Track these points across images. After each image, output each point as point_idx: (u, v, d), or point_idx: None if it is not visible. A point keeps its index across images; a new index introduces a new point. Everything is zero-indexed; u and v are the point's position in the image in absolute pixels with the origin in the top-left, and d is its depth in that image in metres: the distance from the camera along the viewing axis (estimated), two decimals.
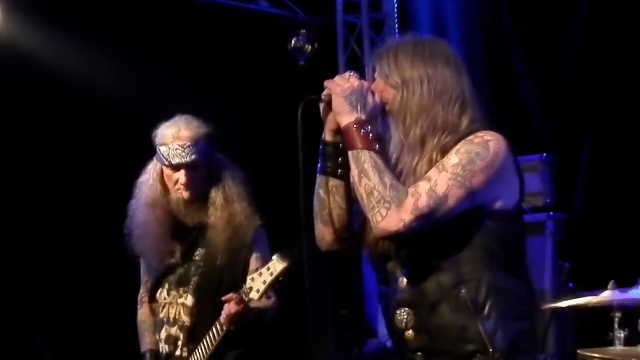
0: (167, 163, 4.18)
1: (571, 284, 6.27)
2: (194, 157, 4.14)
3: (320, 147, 3.04)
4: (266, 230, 4.31)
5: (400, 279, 2.94)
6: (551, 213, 6.70)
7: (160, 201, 4.25)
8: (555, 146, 6.98)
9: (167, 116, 4.35)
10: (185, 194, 4.20)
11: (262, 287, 3.76)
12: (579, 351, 4.65)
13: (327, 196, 3.02)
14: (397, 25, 8.25)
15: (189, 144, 4.14)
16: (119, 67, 7.00)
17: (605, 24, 6.86)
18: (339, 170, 2.99)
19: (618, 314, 4.83)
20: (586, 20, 7.00)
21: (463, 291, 2.85)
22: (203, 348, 4.15)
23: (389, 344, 7.07)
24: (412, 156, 2.89)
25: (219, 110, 7.16)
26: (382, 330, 7.07)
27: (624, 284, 4.86)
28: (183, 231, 4.29)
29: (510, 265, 2.92)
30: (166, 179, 4.25)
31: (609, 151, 6.74)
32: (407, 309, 2.92)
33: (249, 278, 3.79)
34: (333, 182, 3.01)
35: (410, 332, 2.92)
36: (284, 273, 3.72)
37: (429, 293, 2.88)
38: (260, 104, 7.68)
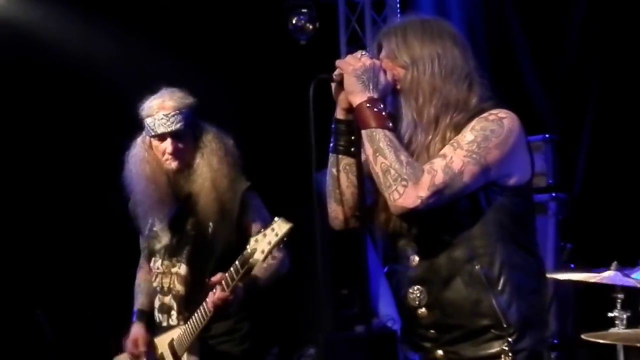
0: (152, 133, 4.26)
1: (572, 265, 6.25)
2: (178, 125, 4.21)
3: (332, 126, 3.04)
4: (254, 192, 4.35)
5: (412, 256, 2.97)
6: (553, 193, 6.69)
7: (157, 170, 4.31)
8: (558, 127, 6.96)
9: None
10: (173, 164, 4.27)
11: (267, 248, 3.75)
12: (582, 336, 4.64)
13: (339, 174, 3.03)
14: (398, 5, 8.21)
15: (173, 112, 4.21)
16: (119, 45, 6.99)
17: (607, 4, 6.83)
18: (352, 148, 2.99)
19: (620, 295, 4.83)
20: (588, 0, 6.97)
21: (477, 266, 2.87)
22: (191, 326, 4.19)
23: (390, 323, 7.08)
24: (425, 134, 2.91)
25: (219, 89, 7.15)
26: (383, 309, 7.06)
27: (626, 265, 4.85)
28: (172, 200, 4.37)
29: (521, 240, 2.94)
30: (155, 151, 4.32)
31: (611, 131, 6.73)
32: (419, 286, 2.94)
33: (252, 239, 3.80)
34: (346, 160, 3.02)
35: (422, 309, 2.94)
36: (288, 233, 3.74)
37: (442, 268, 2.90)
38: (261, 83, 7.65)
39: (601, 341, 4.55)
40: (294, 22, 7.76)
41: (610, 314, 4.84)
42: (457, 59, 2.94)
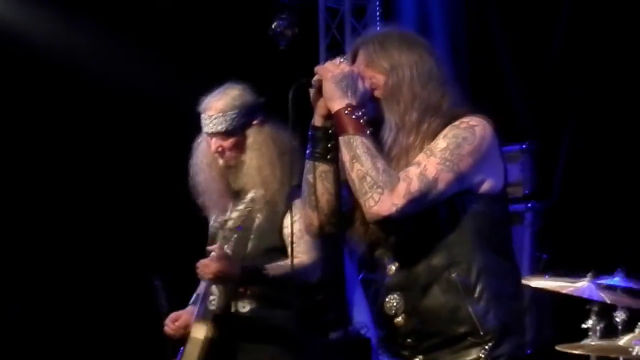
0: (202, 131, 4.46)
1: (547, 275, 6.25)
2: (220, 127, 4.36)
3: (310, 132, 3.04)
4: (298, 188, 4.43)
5: (389, 265, 2.97)
6: (530, 203, 6.70)
7: (214, 161, 4.47)
8: (536, 136, 6.97)
9: (146, 92, 4.47)
10: (220, 161, 4.44)
11: (235, 215, 4.05)
12: (557, 347, 4.65)
13: (315, 181, 3.03)
14: (378, 13, 8.22)
15: (216, 115, 4.38)
16: (103, 45, 6.98)
17: (588, 15, 6.86)
18: (329, 155, 3.00)
19: (595, 306, 4.84)
20: (570, 11, 6.99)
21: (453, 273, 2.89)
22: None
23: (364, 331, 7.05)
24: (406, 139, 2.93)
25: (198, 91, 7.11)
26: (357, 317, 7.04)
27: (602, 275, 4.86)
28: (234, 191, 4.52)
29: (498, 246, 2.96)
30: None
31: (588, 142, 6.74)
32: (396, 294, 2.95)
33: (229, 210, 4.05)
34: (322, 167, 3.02)
35: (400, 318, 2.95)
36: (250, 202, 4.03)
37: (420, 276, 2.91)
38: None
39: (575, 352, 4.58)
40: (273, 26, 7.74)
41: (584, 325, 4.86)
42: (433, 67, 2.98)
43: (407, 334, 2.95)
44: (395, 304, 2.94)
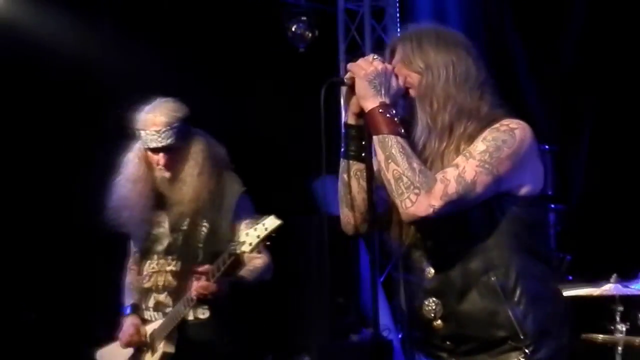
0: (146, 146, 4.47)
1: (570, 276, 6.24)
2: (169, 140, 4.40)
3: (343, 131, 3.01)
4: (248, 195, 4.54)
5: (427, 268, 2.95)
6: (552, 205, 6.67)
7: (143, 177, 4.53)
8: (556, 138, 6.95)
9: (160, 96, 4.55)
10: (166, 174, 4.48)
11: (255, 241, 4.02)
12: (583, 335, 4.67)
13: (350, 180, 3.00)
14: (398, 14, 8.22)
15: (164, 129, 4.40)
16: (118, 49, 6.98)
17: (605, 14, 6.85)
18: (363, 153, 2.97)
19: (619, 307, 4.84)
20: (587, 10, 6.98)
21: (492, 277, 2.86)
22: (172, 315, 4.41)
23: (385, 333, 7.04)
24: (439, 141, 2.90)
25: (218, 96, 7.13)
26: (380, 318, 7.03)
27: (624, 277, 4.85)
28: (170, 203, 4.54)
29: (536, 249, 2.93)
30: (150, 159, 4.52)
31: (609, 142, 6.74)
32: (434, 298, 2.93)
33: (242, 233, 4.06)
34: (357, 166, 2.99)
35: (438, 322, 2.93)
36: (277, 230, 4.01)
37: (457, 280, 2.89)
38: (260, 89, 7.63)
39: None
40: (293, 29, 7.76)
41: (608, 325, 4.86)
42: (470, 68, 2.94)
43: (445, 337, 2.93)
44: (433, 308, 2.93)
